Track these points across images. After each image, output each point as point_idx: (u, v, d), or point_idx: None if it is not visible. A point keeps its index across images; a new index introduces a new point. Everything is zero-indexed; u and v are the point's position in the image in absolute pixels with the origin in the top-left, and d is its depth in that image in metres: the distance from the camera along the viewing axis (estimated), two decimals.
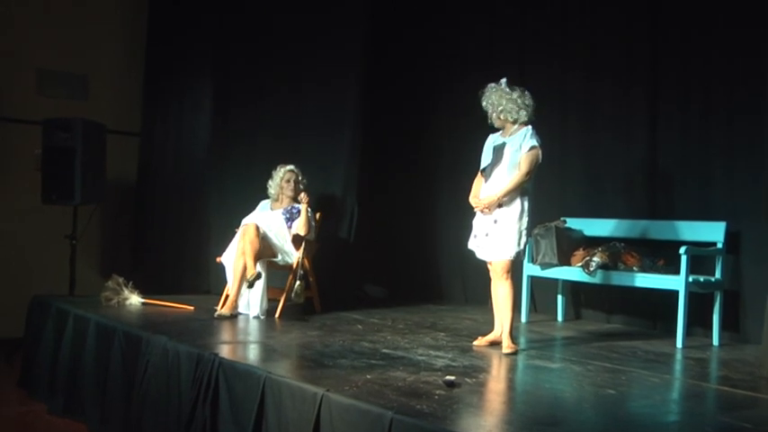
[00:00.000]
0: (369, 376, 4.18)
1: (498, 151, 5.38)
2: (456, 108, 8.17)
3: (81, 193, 7.62)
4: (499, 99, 5.37)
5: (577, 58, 7.10)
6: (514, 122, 5.37)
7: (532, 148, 5.23)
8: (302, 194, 6.82)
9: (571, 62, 7.17)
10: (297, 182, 7.00)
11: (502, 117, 5.39)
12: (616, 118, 6.83)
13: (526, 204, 5.25)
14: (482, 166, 5.46)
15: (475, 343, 5.41)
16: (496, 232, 5.24)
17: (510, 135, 5.38)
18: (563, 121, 7.19)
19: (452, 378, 4.05)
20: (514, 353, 5.11)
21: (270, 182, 7.07)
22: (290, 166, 7.03)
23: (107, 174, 8.02)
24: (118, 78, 8.96)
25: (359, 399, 3.62)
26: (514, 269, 5.35)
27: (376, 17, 8.02)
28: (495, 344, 5.33)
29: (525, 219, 5.24)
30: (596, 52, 6.98)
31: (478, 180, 5.51)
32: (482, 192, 5.40)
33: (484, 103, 5.45)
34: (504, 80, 5.41)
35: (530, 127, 5.33)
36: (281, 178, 7.00)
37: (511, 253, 5.22)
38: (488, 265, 5.39)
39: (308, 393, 3.76)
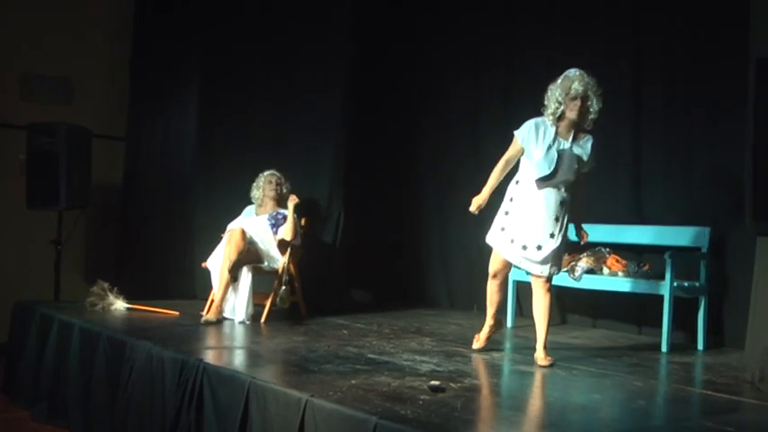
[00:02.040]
0: (354, 381, 4.17)
1: (561, 157, 4.95)
2: (442, 114, 8.21)
3: (66, 197, 7.60)
4: (594, 98, 4.93)
5: (562, 65, 7.11)
6: (585, 126, 5.02)
7: (591, 165, 5.05)
8: (292, 195, 6.81)
9: (556, 69, 7.17)
10: (279, 183, 6.99)
11: (588, 119, 4.98)
12: (599, 122, 6.83)
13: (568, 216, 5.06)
14: (543, 172, 4.93)
15: (474, 346, 5.36)
16: (551, 247, 4.94)
17: (574, 140, 4.99)
18: None
19: (437, 383, 4.05)
20: (551, 365, 4.94)
21: (253, 186, 7.07)
22: (272, 170, 7.03)
23: (92, 178, 7.99)
24: (103, 83, 8.93)
25: (343, 404, 3.61)
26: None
27: (362, 25, 8.04)
28: (492, 334, 5.34)
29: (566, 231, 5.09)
30: (580, 58, 6.97)
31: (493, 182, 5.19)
32: (534, 200, 4.96)
33: (580, 89, 4.89)
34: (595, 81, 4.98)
35: (593, 139, 5.03)
36: (264, 180, 7.00)
37: (554, 268, 5.03)
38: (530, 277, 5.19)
39: (293, 399, 3.75)
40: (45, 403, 5.90)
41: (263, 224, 6.78)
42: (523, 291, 7.00)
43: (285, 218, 6.77)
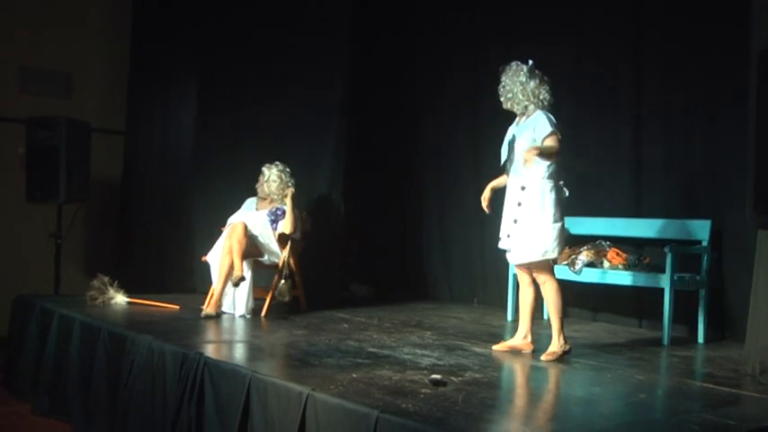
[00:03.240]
0: (354, 375, 4.17)
1: (511, 145, 5.11)
2: (444, 107, 8.20)
3: (65, 191, 7.59)
4: (513, 84, 5.08)
5: (562, 57, 7.10)
6: (522, 113, 5.12)
7: (552, 133, 4.95)
8: (289, 190, 6.79)
9: (556, 59, 7.16)
10: (262, 184, 6.94)
11: (510, 105, 5.14)
12: (600, 117, 6.85)
13: (552, 196, 4.95)
14: (501, 161, 5.18)
15: (494, 347, 5.27)
16: (517, 233, 4.99)
17: (519, 125, 5.11)
18: None
19: (438, 377, 4.05)
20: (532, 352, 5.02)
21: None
22: (263, 168, 7.00)
23: (92, 172, 7.97)
24: (102, 76, 8.91)
25: (344, 398, 3.61)
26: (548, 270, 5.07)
27: (361, 14, 8.03)
28: (515, 351, 5.17)
29: (552, 211, 4.94)
30: (580, 51, 7.00)
31: (503, 177, 5.26)
32: (506, 192, 5.10)
33: (501, 83, 5.13)
34: (529, 63, 5.12)
35: (540, 112, 5.03)
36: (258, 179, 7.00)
37: (537, 254, 4.96)
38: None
39: (294, 392, 3.75)
40: (46, 397, 5.90)
41: (262, 219, 6.77)
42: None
43: (284, 213, 6.76)
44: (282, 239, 6.69)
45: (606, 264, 6.20)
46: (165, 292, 7.34)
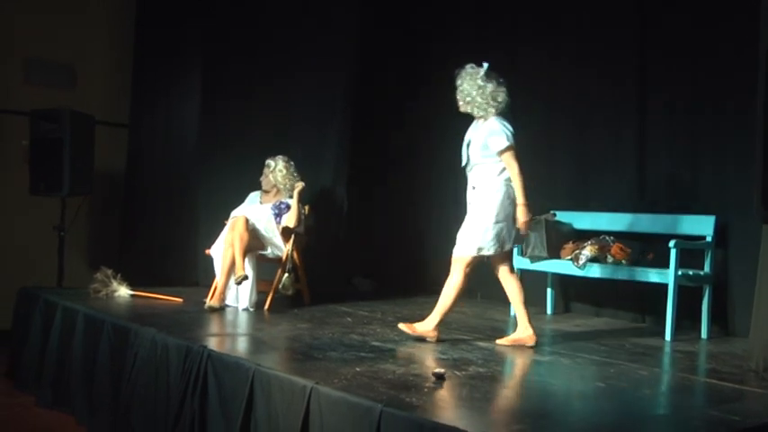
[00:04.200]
0: (358, 369, 4.17)
1: (468, 147, 5.25)
2: (447, 102, 8.16)
3: (69, 184, 7.59)
4: (470, 88, 5.15)
5: (566, 52, 7.10)
6: (480, 117, 5.21)
7: (508, 149, 5.04)
8: (299, 183, 6.78)
9: (560, 55, 7.17)
10: (268, 175, 6.94)
11: (469, 109, 5.22)
12: (605, 111, 6.84)
13: (499, 196, 5.08)
14: (462, 163, 5.32)
15: (498, 341, 5.29)
16: (462, 227, 5.19)
17: (476, 130, 5.21)
18: (552, 114, 7.20)
19: (442, 371, 4.05)
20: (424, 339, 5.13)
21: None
22: (268, 160, 7.00)
23: (95, 165, 7.97)
24: (106, 69, 8.90)
25: (348, 391, 3.61)
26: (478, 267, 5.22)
27: (367, 7, 8.01)
28: (520, 344, 5.18)
29: (496, 211, 5.07)
30: (585, 45, 6.98)
31: None
32: (468, 193, 5.25)
33: (458, 84, 5.21)
34: (485, 67, 5.18)
35: (496, 120, 5.12)
36: (262, 172, 6.99)
37: (471, 249, 5.10)
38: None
39: (297, 386, 3.75)
40: (49, 389, 5.91)
41: (266, 213, 6.76)
42: (527, 279, 6.97)
43: (288, 207, 6.76)
44: (286, 233, 6.69)
45: (610, 259, 6.18)
46: (169, 284, 7.33)
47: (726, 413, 3.63)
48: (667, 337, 5.67)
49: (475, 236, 5.09)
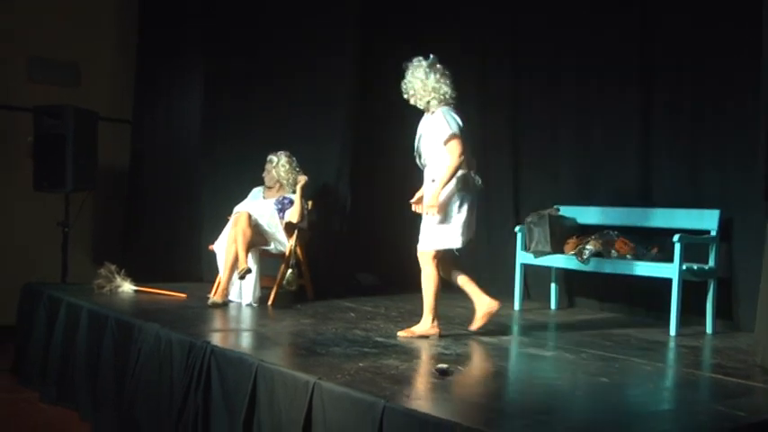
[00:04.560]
0: (361, 364, 4.16)
1: (419, 140, 5.23)
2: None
3: (73, 180, 7.60)
4: (414, 80, 5.16)
5: (570, 47, 7.07)
6: (426, 109, 5.20)
7: (451, 137, 5.01)
8: (301, 176, 6.76)
9: (563, 49, 7.14)
10: (270, 171, 6.94)
11: (413, 101, 5.22)
12: (609, 106, 6.81)
13: (450, 195, 5.06)
14: (415, 157, 5.29)
15: (471, 327, 5.35)
16: (424, 222, 5.15)
17: (426, 124, 5.21)
18: (555, 108, 7.18)
19: (445, 366, 4.04)
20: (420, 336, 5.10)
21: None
22: (270, 155, 6.99)
23: (99, 161, 7.98)
24: (110, 65, 8.92)
25: (351, 387, 3.60)
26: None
27: (369, 4, 8.00)
28: (491, 316, 5.31)
29: (457, 204, 5.06)
30: (588, 38, 6.94)
31: None
32: (426, 186, 5.21)
33: (403, 81, 5.22)
34: (430, 58, 5.19)
35: (441, 111, 5.10)
36: (265, 168, 6.99)
37: (434, 244, 5.09)
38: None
39: (300, 381, 3.74)
40: (53, 385, 5.92)
41: (269, 208, 6.76)
42: (531, 274, 7.00)
43: (292, 202, 6.75)
44: (289, 228, 6.68)
45: (614, 253, 6.16)
46: (173, 280, 7.32)
47: (731, 408, 3.62)
48: (672, 332, 5.65)
49: (439, 230, 5.08)
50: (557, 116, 7.18)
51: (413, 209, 5.38)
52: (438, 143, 5.07)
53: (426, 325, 5.16)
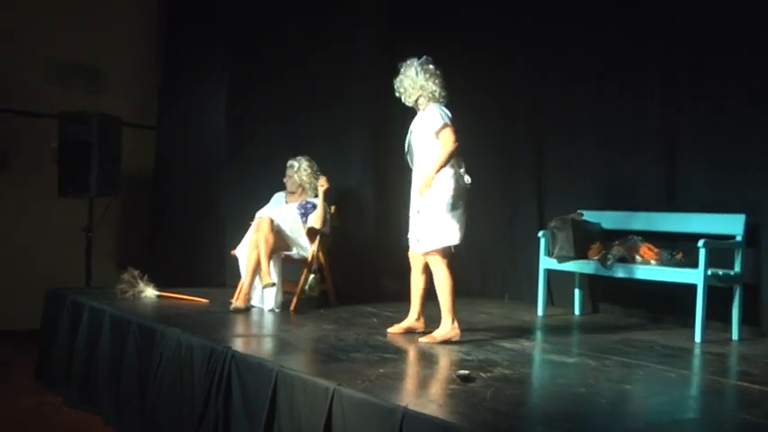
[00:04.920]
0: (382, 370, 4.14)
1: (410, 136, 5.33)
2: (470, 98, 8.11)
3: (97, 185, 7.66)
4: (405, 78, 5.28)
5: (591, 48, 7.02)
6: (416, 106, 5.30)
7: (444, 126, 5.11)
8: (322, 179, 6.76)
9: (585, 52, 7.09)
10: (292, 176, 6.95)
11: (403, 99, 5.33)
12: (631, 110, 6.76)
13: (451, 184, 5.11)
14: (403, 154, 5.38)
15: (389, 330, 5.43)
16: (421, 221, 5.18)
17: (417, 122, 5.30)
18: (578, 112, 7.13)
19: (467, 372, 4.01)
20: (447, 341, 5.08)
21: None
22: (291, 161, 7.00)
23: (123, 166, 8.03)
24: (134, 72, 8.98)
25: (371, 393, 3.58)
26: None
27: (393, 3, 8.02)
28: (410, 331, 5.37)
29: (452, 201, 5.10)
30: (611, 41, 6.88)
31: None
32: (412, 180, 5.31)
33: (396, 81, 5.34)
34: (423, 58, 5.29)
35: (432, 105, 5.22)
36: (286, 174, 6.99)
37: (440, 241, 5.11)
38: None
39: (320, 387, 3.73)
40: (77, 389, 5.95)
41: (291, 212, 6.76)
42: (555, 279, 6.94)
43: (314, 207, 6.75)
44: (311, 233, 6.68)
45: (638, 259, 6.10)
46: (196, 285, 7.35)
47: (759, 417, 3.56)
48: (697, 338, 5.58)
49: (440, 228, 5.12)
50: (580, 120, 7.14)
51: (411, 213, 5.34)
52: (430, 136, 5.16)
53: (447, 327, 5.14)
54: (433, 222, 5.12)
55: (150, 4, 9.04)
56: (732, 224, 5.90)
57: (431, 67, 5.28)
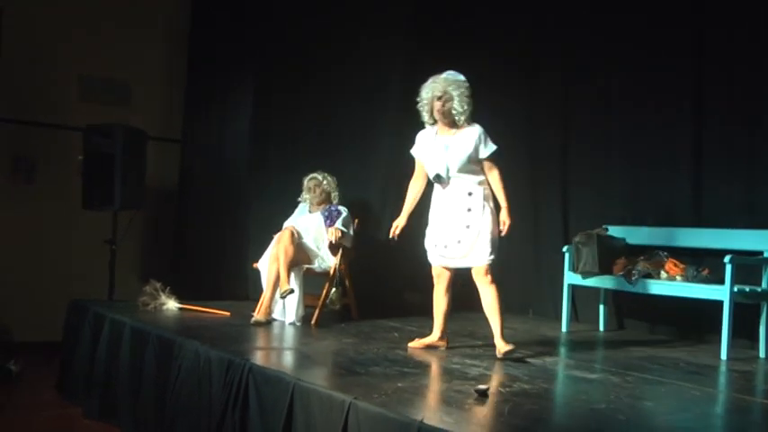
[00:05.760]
0: (400, 384, 4.10)
1: (446, 153, 5.18)
2: (496, 108, 8.06)
3: (121, 198, 7.69)
4: (451, 92, 5.15)
5: (621, 62, 6.96)
6: (456, 122, 5.20)
7: (494, 152, 5.16)
8: (331, 230, 6.68)
9: (613, 66, 7.03)
10: (318, 185, 6.99)
11: (438, 113, 5.18)
12: (659, 125, 6.68)
13: (491, 201, 5.20)
14: (434, 172, 5.24)
15: (411, 344, 5.40)
16: (471, 237, 5.13)
17: (454, 135, 5.21)
18: (605, 127, 7.07)
19: (485, 387, 3.95)
20: (513, 351, 5.06)
21: (303, 191, 7.07)
22: (312, 174, 7.00)
23: (147, 180, 8.07)
24: (159, 85, 9.04)
25: (387, 407, 3.54)
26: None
27: (420, 18, 8.01)
28: (431, 347, 5.36)
29: (494, 216, 5.18)
30: (640, 54, 6.82)
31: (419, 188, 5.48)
32: (442, 201, 5.24)
33: (428, 94, 5.19)
34: (462, 77, 5.25)
35: (478, 127, 5.18)
36: (305, 186, 7.00)
37: (490, 257, 5.13)
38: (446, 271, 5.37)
39: (336, 401, 3.69)
40: (97, 401, 5.95)
41: (315, 220, 6.76)
42: (579, 295, 6.87)
43: (338, 212, 6.77)
44: (334, 247, 6.65)
45: (664, 275, 6.02)
46: (219, 298, 7.35)
47: None
48: (723, 355, 5.48)
49: (491, 243, 5.15)
50: (606, 135, 7.08)
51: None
52: (473, 157, 5.14)
53: (503, 343, 5.13)
54: (484, 236, 5.13)
55: (176, 17, 9.09)
56: (759, 240, 5.81)
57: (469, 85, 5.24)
